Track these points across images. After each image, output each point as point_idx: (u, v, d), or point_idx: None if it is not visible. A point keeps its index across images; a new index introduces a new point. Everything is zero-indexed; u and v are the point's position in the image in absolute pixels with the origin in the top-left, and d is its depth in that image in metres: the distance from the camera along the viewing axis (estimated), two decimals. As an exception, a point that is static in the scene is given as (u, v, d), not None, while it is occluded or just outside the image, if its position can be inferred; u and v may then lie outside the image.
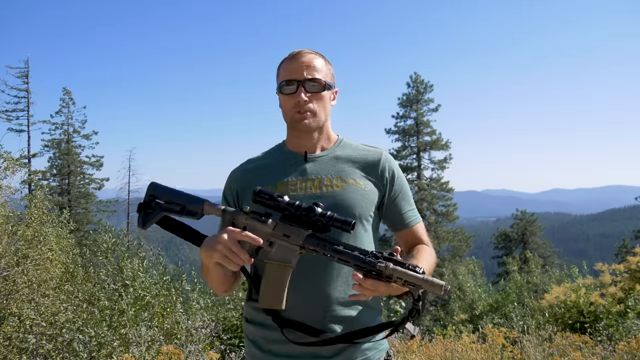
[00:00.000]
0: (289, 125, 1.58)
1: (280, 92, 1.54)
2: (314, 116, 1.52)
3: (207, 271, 1.45)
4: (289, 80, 1.50)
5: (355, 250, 1.26)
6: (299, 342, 1.41)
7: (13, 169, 6.82)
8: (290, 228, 1.32)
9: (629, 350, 4.45)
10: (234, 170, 1.64)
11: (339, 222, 1.29)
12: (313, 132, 1.56)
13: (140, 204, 1.46)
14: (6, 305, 5.42)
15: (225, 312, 6.89)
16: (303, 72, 1.50)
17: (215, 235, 1.34)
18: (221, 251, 1.30)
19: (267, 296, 1.34)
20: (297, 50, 1.55)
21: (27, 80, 22.32)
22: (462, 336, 5.12)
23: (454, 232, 23.94)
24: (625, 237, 32.05)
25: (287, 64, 1.54)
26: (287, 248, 1.32)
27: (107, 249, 6.68)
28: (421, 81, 25.13)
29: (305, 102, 1.49)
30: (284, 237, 1.32)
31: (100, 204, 24.23)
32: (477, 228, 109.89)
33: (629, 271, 7.81)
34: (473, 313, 13.60)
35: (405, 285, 1.18)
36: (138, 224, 1.47)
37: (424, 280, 1.14)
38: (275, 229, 1.33)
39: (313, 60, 1.52)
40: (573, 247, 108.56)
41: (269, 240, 1.34)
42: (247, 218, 1.36)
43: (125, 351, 4.82)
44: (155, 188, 1.47)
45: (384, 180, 1.58)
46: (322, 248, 1.28)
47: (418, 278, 1.14)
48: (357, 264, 1.23)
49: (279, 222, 1.34)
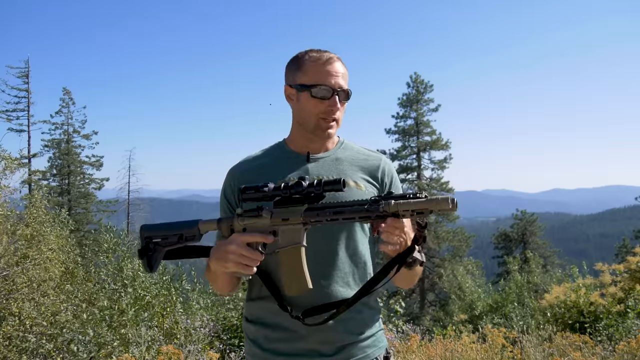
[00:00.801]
0: (305, 127, 1.55)
1: (309, 93, 1.50)
2: (337, 125, 1.54)
3: (216, 276, 1.46)
4: (324, 85, 1.48)
5: (354, 205, 1.24)
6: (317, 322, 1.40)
7: (12, 168, 6.82)
8: (286, 211, 1.32)
9: (629, 350, 4.45)
10: (233, 168, 1.63)
11: (329, 184, 1.28)
12: (331, 139, 1.59)
13: (139, 250, 1.47)
14: (6, 305, 5.42)
15: (225, 312, 6.89)
16: (339, 81, 1.50)
17: (222, 245, 1.35)
18: (234, 260, 1.31)
19: (292, 283, 1.33)
20: (327, 53, 1.53)
21: (27, 80, 22.31)
22: (462, 336, 5.11)
23: (454, 232, 23.94)
24: (625, 237, 32.03)
25: (319, 66, 1.50)
26: (290, 230, 1.32)
27: (108, 248, 6.68)
28: (421, 81, 25.12)
29: (337, 110, 1.51)
30: (284, 221, 1.32)
31: (100, 204, 24.21)
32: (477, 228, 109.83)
33: (629, 271, 7.81)
34: (473, 313, 13.60)
35: (414, 216, 1.16)
36: (145, 269, 1.48)
37: (429, 201, 1.11)
38: (273, 218, 1.33)
39: (343, 69, 1.53)
40: (573, 247, 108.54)
41: (271, 230, 1.34)
42: (243, 219, 1.36)
43: (125, 351, 4.81)
44: (147, 229, 1.47)
45: (384, 185, 1.60)
46: (322, 216, 1.27)
47: (422, 202, 1.12)
48: (361, 216, 1.22)
49: (273, 210, 1.34)
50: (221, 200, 1.61)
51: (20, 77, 22.17)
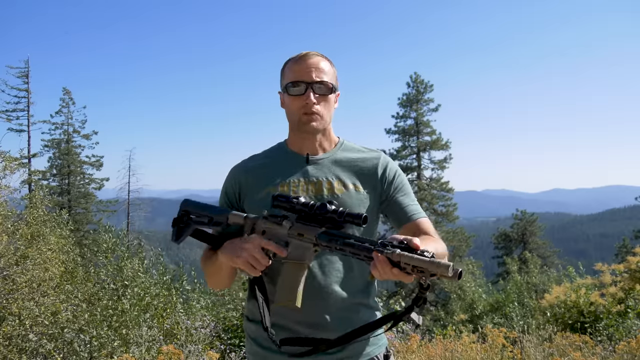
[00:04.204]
0: (293, 126, 1.59)
1: (287, 92, 1.54)
2: (320, 118, 1.54)
3: (218, 269, 1.49)
4: (297, 82, 1.51)
5: (365, 242, 1.26)
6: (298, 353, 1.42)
7: (12, 168, 6.82)
8: (304, 227, 1.35)
9: (629, 350, 4.46)
10: (236, 166, 1.65)
11: (350, 216, 1.30)
12: (317, 134, 1.58)
13: (174, 218, 1.55)
14: (6, 305, 5.42)
15: (225, 312, 6.90)
16: (312, 74, 1.51)
17: (240, 241, 1.40)
18: (245, 258, 1.36)
19: (283, 294, 1.35)
20: (304, 52, 1.56)
21: (27, 80, 22.28)
22: (462, 336, 5.11)
23: (454, 232, 23.93)
24: (625, 237, 32.03)
25: (294, 65, 1.54)
26: (301, 246, 1.35)
27: (107, 248, 6.68)
28: (421, 81, 25.11)
29: (314, 104, 1.51)
30: (299, 236, 1.35)
31: (100, 204, 24.19)
32: (477, 228, 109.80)
33: (629, 271, 7.81)
34: (473, 313, 13.60)
35: (415, 272, 1.16)
36: (172, 238, 1.56)
37: (431, 263, 1.12)
38: (291, 230, 1.37)
39: (320, 63, 1.53)
40: (573, 247, 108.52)
41: (285, 240, 1.37)
42: (266, 222, 1.41)
43: (125, 351, 4.82)
44: (187, 204, 1.56)
45: (384, 181, 1.59)
46: (334, 243, 1.29)
47: (424, 261, 1.12)
48: (367, 255, 1.24)
49: (294, 222, 1.37)
50: (221, 197, 1.63)
51: (20, 77, 22.17)
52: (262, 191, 1.54)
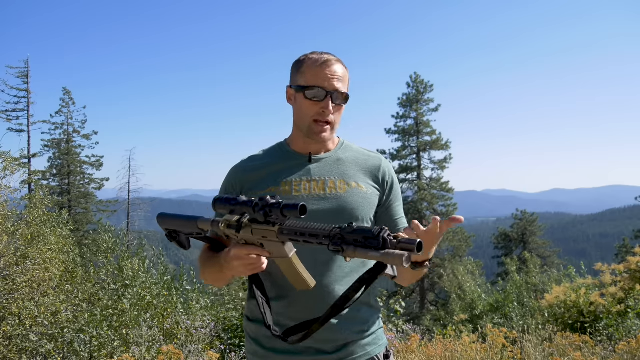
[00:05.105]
0: (301, 128, 1.55)
1: (303, 94, 1.50)
2: (331, 129, 1.53)
3: (220, 274, 1.42)
4: (317, 87, 1.48)
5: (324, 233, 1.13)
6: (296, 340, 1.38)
7: (12, 168, 6.82)
8: (263, 230, 1.24)
9: (629, 350, 4.46)
10: (235, 166, 1.63)
11: (287, 207, 1.15)
12: (326, 142, 1.58)
13: (165, 236, 1.48)
14: (6, 305, 5.42)
15: (225, 312, 6.90)
16: (334, 83, 1.49)
17: (226, 253, 1.31)
18: (240, 266, 1.27)
19: (295, 283, 1.33)
20: (326, 55, 1.53)
21: (27, 80, 22.30)
22: (462, 336, 5.11)
23: (453, 232, 23.92)
24: (625, 237, 31.99)
25: (316, 67, 1.50)
26: (274, 245, 1.26)
27: (107, 249, 6.68)
28: (421, 81, 25.13)
29: (330, 113, 1.50)
30: (263, 238, 1.26)
31: (100, 204, 24.20)
32: (477, 228, 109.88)
33: (629, 271, 7.81)
34: (473, 313, 13.59)
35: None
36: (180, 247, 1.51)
37: (384, 255, 1.06)
38: (254, 234, 1.26)
39: (341, 71, 1.52)
40: (573, 247, 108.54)
41: (258, 242, 1.28)
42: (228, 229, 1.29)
43: (125, 351, 4.82)
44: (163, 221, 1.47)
45: (384, 186, 1.61)
46: (296, 236, 1.18)
47: (376, 255, 1.07)
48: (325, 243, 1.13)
49: (252, 226, 1.25)
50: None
51: (20, 77, 22.19)
52: (265, 191, 1.53)
